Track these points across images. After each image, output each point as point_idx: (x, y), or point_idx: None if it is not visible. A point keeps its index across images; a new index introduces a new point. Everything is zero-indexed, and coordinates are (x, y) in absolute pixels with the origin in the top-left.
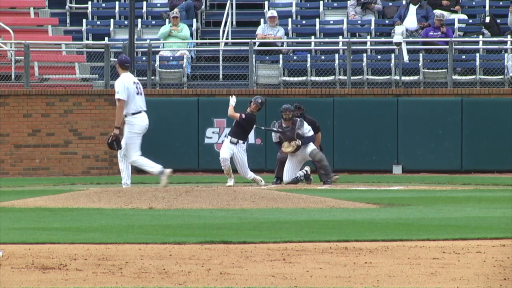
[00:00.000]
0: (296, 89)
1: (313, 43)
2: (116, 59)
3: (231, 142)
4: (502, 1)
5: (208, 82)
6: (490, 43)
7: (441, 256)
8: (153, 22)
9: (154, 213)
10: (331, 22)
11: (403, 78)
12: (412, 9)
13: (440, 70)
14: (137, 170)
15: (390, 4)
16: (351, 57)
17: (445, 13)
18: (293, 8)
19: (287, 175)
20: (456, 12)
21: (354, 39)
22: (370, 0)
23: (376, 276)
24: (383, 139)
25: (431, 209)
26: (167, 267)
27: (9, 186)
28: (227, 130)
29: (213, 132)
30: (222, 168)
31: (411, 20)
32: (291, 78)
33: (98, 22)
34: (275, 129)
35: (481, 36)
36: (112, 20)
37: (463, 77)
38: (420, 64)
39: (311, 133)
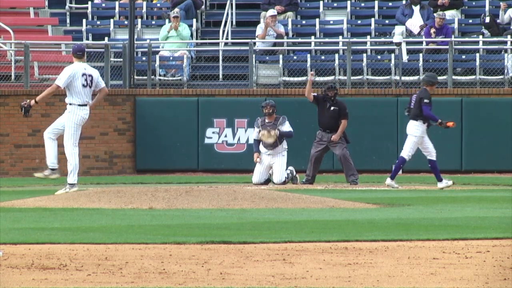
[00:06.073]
0: (296, 89)
1: (313, 43)
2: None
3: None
4: (502, 1)
5: (208, 82)
6: (490, 43)
7: (441, 256)
8: (153, 22)
9: (154, 213)
10: (331, 22)
11: (403, 78)
12: (413, 9)
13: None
14: (137, 170)
15: (390, 4)
16: (351, 57)
17: (441, 13)
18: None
19: (256, 177)
20: (446, 6)
21: (354, 39)
22: None
23: (376, 276)
24: (383, 139)
25: (431, 209)
26: (167, 267)
27: (9, 186)
28: (227, 130)
29: (213, 132)
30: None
31: (413, 21)
32: (291, 78)
33: (98, 22)
34: (258, 129)
35: (481, 36)
36: (112, 20)
37: (463, 77)
38: (420, 64)
39: (291, 129)
